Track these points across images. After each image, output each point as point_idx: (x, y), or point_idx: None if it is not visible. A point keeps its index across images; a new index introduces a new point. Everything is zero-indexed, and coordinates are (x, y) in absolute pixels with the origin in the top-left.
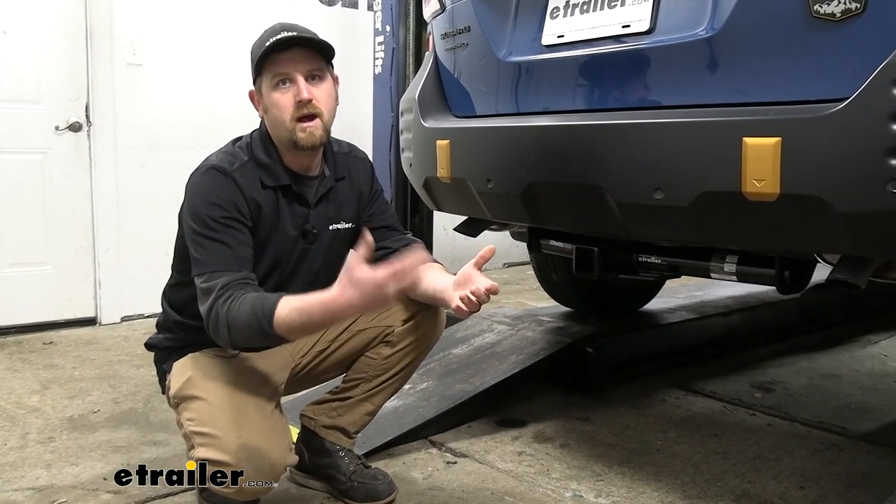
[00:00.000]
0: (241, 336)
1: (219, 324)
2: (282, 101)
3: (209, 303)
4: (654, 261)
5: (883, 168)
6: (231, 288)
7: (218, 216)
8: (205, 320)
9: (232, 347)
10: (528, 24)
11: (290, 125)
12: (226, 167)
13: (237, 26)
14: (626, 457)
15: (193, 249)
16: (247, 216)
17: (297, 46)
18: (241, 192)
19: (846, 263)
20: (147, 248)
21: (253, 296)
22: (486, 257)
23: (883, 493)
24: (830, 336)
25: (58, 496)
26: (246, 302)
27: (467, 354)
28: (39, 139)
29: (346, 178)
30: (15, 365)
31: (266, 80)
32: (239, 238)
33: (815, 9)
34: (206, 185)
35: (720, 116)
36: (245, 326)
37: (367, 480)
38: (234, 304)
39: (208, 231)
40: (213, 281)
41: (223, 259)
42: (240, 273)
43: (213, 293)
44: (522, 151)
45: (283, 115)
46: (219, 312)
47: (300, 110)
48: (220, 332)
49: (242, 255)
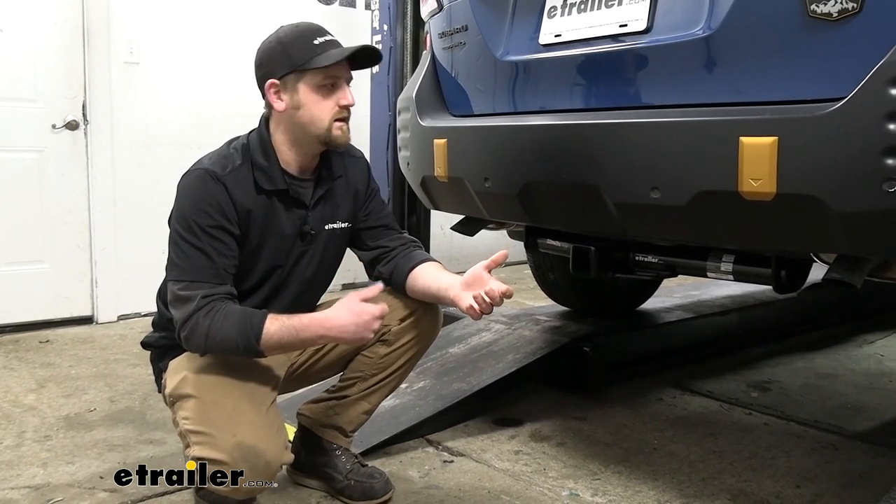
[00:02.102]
0: (219, 348)
1: (196, 332)
2: (326, 103)
3: (188, 311)
4: (651, 260)
5: (879, 168)
6: (214, 300)
7: (204, 224)
8: (177, 325)
9: (200, 353)
10: (525, 24)
11: (329, 124)
12: (217, 171)
13: (235, 25)
14: (622, 456)
15: (173, 252)
16: (234, 223)
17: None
18: (231, 199)
19: (842, 263)
20: (144, 248)
21: (238, 308)
22: (499, 261)
23: (879, 492)
24: (827, 335)
25: (54, 495)
26: (232, 315)
27: (464, 353)
28: (36, 138)
29: (342, 178)
30: (11, 363)
31: (310, 79)
32: (221, 249)
33: (812, 8)
34: (195, 190)
35: (717, 116)
36: (227, 339)
37: (364, 479)
38: (218, 317)
39: (192, 238)
40: (192, 291)
41: (203, 269)
42: (221, 287)
43: (192, 302)
44: (519, 151)
45: (323, 115)
46: (198, 322)
47: (342, 113)
48: (195, 341)
49: (223, 267)
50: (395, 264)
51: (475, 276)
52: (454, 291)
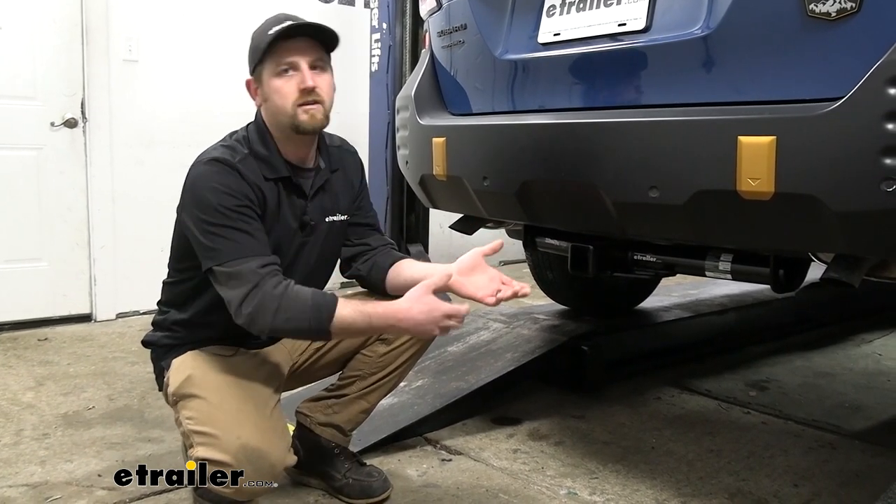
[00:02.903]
0: (289, 325)
1: (264, 308)
2: (284, 87)
3: (247, 285)
4: (650, 259)
5: (877, 167)
6: (272, 271)
7: (231, 205)
8: (238, 304)
9: (265, 331)
10: (524, 22)
11: (292, 110)
12: (228, 159)
13: (234, 22)
14: (620, 454)
15: (207, 240)
16: (256, 205)
17: (303, 36)
18: (247, 182)
19: (840, 262)
20: (142, 245)
21: (307, 289)
22: (496, 249)
23: (876, 491)
24: (825, 335)
25: (52, 493)
26: (304, 294)
27: (462, 352)
28: (35, 135)
29: (340, 170)
30: (9, 361)
31: (269, 67)
32: (255, 226)
33: (811, 8)
34: (212, 176)
35: (715, 115)
36: (299, 317)
37: (362, 478)
38: (290, 293)
39: (223, 220)
40: (242, 265)
41: (247, 246)
42: (271, 257)
43: (248, 275)
44: (518, 149)
45: (285, 102)
46: (266, 296)
47: (304, 97)
48: (261, 318)
49: (264, 241)
50: (374, 262)
51: (474, 262)
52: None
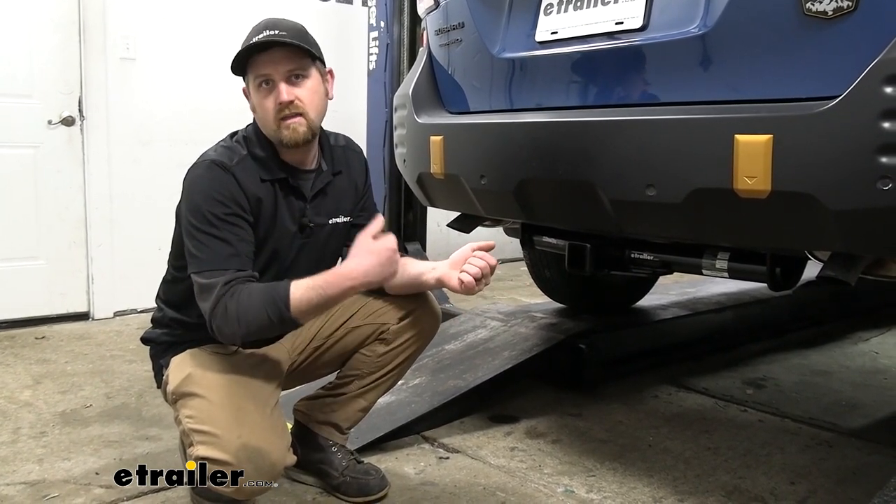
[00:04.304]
0: (254, 327)
1: (227, 318)
2: (265, 102)
3: (213, 299)
4: (647, 257)
5: (873, 165)
6: (235, 283)
7: (220, 213)
8: (208, 318)
9: (240, 342)
10: (521, 21)
11: (275, 125)
12: (225, 162)
13: (231, 21)
14: (617, 452)
15: (192, 245)
16: (248, 211)
17: (277, 46)
18: (241, 188)
19: (837, 260)
20: (140, 244)
21: (260, 286)
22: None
23: (873, 488)
24: (822, 333)
25: (50, 491)
26: (256, 291)
27: (460, 350)
28: (32, 133)
29: (344, 172)
30: (7, 360)
31: (250, 79)
32: (240, 235)
33: (808, 7)
34: (206, 181)
35: (712, 114)
36: (258, 316)
37: (360, 475)
38: (243, 297)
39: (209, 227)
40: (214, 278)
41: (224, 257)
42: (242, 272)
43: (215, 289)
44: (516, 148)
45: (267, 116)
46: (227, 307)
47: (282, 112)
48: (229, 327)
49: (243, 253)
50: None
51: (464, 255)
52: (441, 272)
